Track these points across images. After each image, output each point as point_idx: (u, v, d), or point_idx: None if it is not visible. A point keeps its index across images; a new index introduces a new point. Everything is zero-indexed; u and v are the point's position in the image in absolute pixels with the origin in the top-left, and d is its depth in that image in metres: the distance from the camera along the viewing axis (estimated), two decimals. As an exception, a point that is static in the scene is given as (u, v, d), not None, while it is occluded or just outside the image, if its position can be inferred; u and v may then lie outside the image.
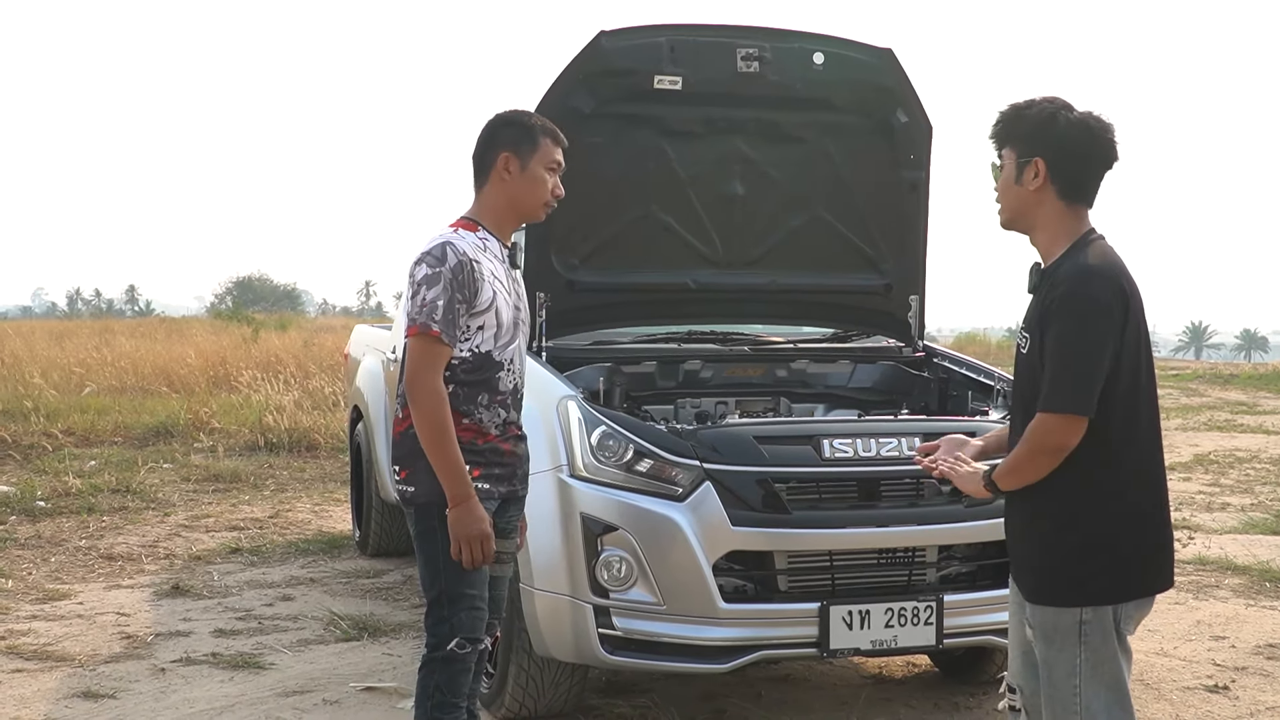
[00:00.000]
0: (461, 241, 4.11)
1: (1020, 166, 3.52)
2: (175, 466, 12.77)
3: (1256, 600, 7.98)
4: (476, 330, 4.12)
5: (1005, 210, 3.61)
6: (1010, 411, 3.93)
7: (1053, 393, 3.36)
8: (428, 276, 4.05)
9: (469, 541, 4.01)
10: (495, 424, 4.20)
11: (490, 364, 4.16)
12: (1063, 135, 3.47)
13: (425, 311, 4.02)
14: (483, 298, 4.10)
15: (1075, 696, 3.45)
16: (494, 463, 4.20)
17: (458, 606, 4.12)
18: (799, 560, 5.20)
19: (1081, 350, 3.34)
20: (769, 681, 6.19)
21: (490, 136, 4.26)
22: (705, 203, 6.33)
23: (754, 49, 6.06)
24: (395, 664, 6.41)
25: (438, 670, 4.15)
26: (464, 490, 4.01)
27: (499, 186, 4.24)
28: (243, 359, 20.26)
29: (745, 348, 6.61)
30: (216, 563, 8.77)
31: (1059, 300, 3.37)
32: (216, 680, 6.17)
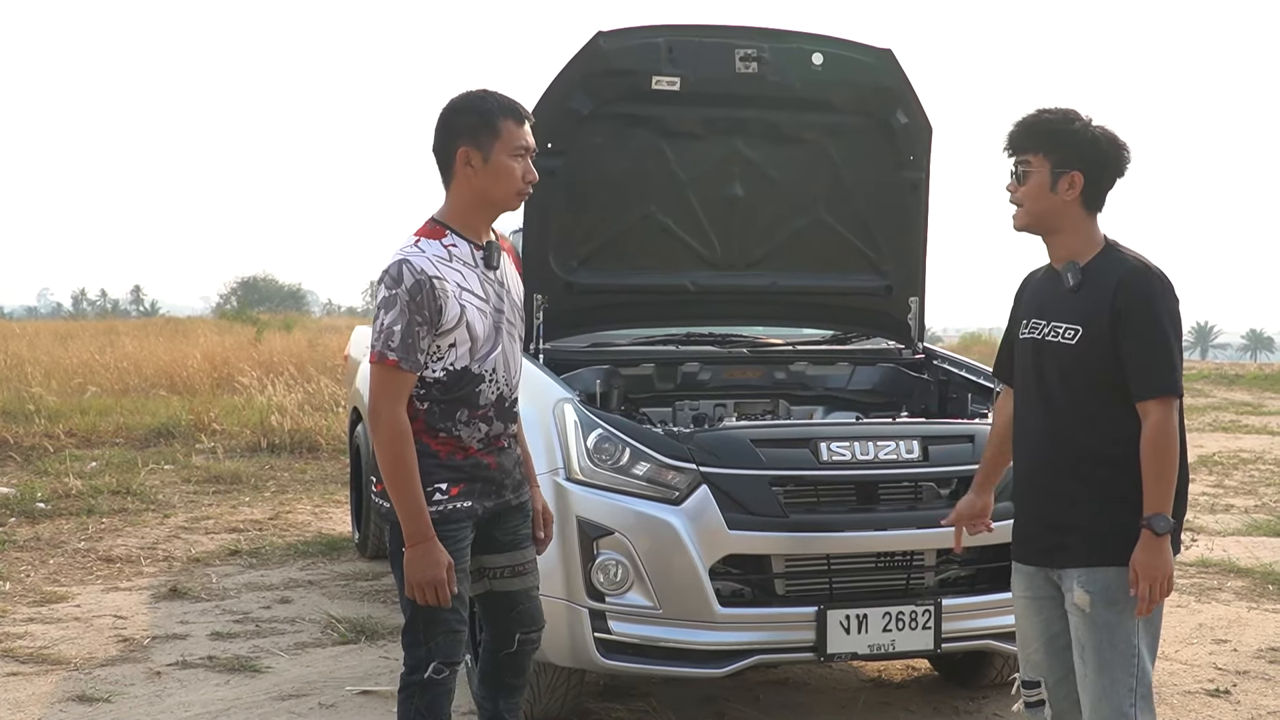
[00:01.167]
0: (419, 257, 3.86)
1: (1055, 176, 3.78)
2: (176, 468, 12.74)
3: (1259, 603, 7.94)
4: (448, 348, 3.91)
5: (1029, 214, 3.86)
6: (1020, 397, 4.04)
7: (1158, 381, 3.69)
8: (385, 299, 3.83)
9: (422, 586, 3.81)
10: (476, 439, 4.02)
11: (468, 378, 3.96)
12: (1102, 154, 3.80)
13: (382, 338, 3.81)
14: (448, 315, 3.86)
15: (1133, 653, 3.74)
16: (476, 477, 4.03)
17: (435, 629, 3.95)
18: (796, 564, 5.17)
19: (1171, 339, 3.70)
20: (767, 685, 6.16)
21: (445, 128, 3.97)
22: (704, 204, 6.29)
23: (752, 50, 6.03)
24: (392, 667, 6.38)
25: (417, 695, 3.99)
26: (422, 530, 3.81)
27: (463, 183, 3.95)
28: (246, 360, 20.22)
29: (744, 350, 6.57)
30: (215, 565, 8.74)
31: (1139, 294, 3.70)
32: (212, 684, 6.14)
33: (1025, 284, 4.12)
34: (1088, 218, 3.84)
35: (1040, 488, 3.91)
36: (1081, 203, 3.81)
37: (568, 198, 5.97)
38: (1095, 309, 3.74)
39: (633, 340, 6.53)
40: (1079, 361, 3.78)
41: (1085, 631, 3.78)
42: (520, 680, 4.35)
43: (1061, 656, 3.93)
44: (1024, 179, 3.83)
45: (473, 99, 3.97)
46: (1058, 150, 3.78)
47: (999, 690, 6.12)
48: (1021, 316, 4.02)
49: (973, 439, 5.42)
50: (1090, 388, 3.78)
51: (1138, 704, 3.75)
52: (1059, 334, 3.82)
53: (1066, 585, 3.84)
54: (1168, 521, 3.70)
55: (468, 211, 4.01)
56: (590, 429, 5.15)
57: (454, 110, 3.98)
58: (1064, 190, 3.78)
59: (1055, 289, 3.89)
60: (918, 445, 5.29)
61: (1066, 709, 3.96)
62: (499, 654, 4.24)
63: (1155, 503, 3.70)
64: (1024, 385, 3.99)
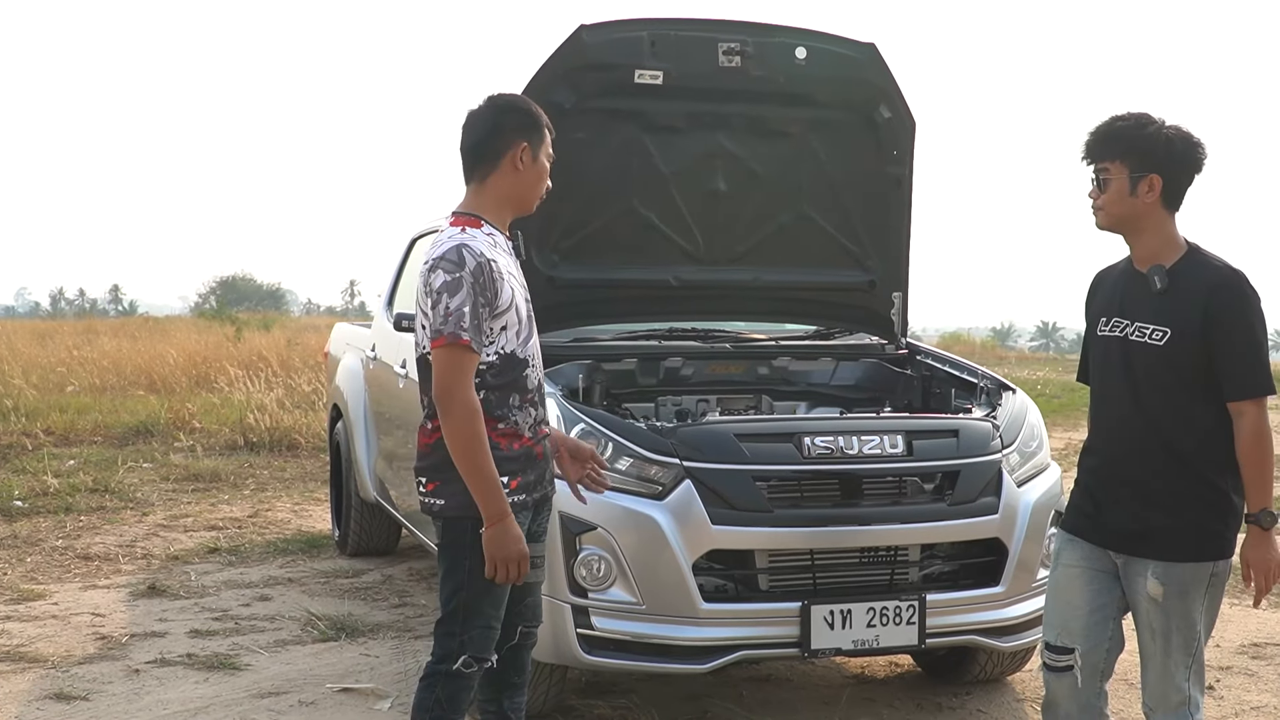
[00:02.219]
0: (475, 241, 3.91)
1: (1134, 181, 3.90)
2: (155, 466, 12.67)
3: (1240, 599, 7.93)
4: (500, 331, 3.95)
5: (1111, 217, 3.98)
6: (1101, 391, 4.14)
7: (1252, 380, 3.86)
8: (447, 284, 3.84)
9: (506, 562, 3.86)
10: (528, 424, 4.05)
11: (516, 363, 4.00)
12: (1178, 156, 3.91)
13: (452, 320, 3.82)
14: (503, 298, 3.93)
15: (1196, 639, 3.97)
16: (528, 469, 4.05)
17: (473, 624, 3.98)
18: (780, 559, 5.15)
19: (1262, 341, 3.88)
20: (751, 681, 6.13)
21: (498, 123, 4.04)
22: (687, 199, 6.27)
23: (736, 43, 6.01)
24: (373, 665, 6.34)
25: (440, 685, 3.99)
26: (501, 508, 3.85)
27: (510, 177, 4.04)
28: (225, 358, 20.14)
29: (727, 345, 6.54)
30: (194, 563, 8.68)
31: (1233, 301, 3.85)
32: (191, 681, 6.09)
33: (1099, 282, 4.24)
34: (1168, 218, 3.96)
35: (1122, 478, 4.04)
36: (1162, 204, 3.93)
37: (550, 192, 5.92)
38: (1185, 313, 3.88)
39: (615, 335, 6.50)
40: (1166, 362, 3.91)
41: (1156, 617, 3.98)
42: (523, 678, 4.33)
43: (1100, 628, 4.11)
44: (1104, 186, 3.96)
45: (521, 101, 4.15)
46: (1134, 155, 3.90)
47: (982, 686, 6.11)
48: (1099, 314, 4.15)
49: (957, 434, 5.41)
50: (1177, 387, 3.91)
51: (1192, 679, 3.99)
52: (1145, 334, 3.95)
53: (1137, 571, 3.99)
54: (1274, 516, 3.89)
55: (502, 206, 4.10)
56: (572, 423, 5.12)
57: (509, 107, 4.10)
58: (1144, 193, 3.90)
59: (1139, 290, 4.01)
60: (902, 440, 5.27)
61: (1089, 677, 4.13)
62: (501, 649, 4.20)
63: (1259, 499, 3.89)
64: (1105, 380, 4.12)
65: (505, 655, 4.22)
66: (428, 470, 4.04)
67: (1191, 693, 3.99)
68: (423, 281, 3.95)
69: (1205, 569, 3.94)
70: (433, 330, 3.88)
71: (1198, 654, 3.99)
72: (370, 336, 8.47)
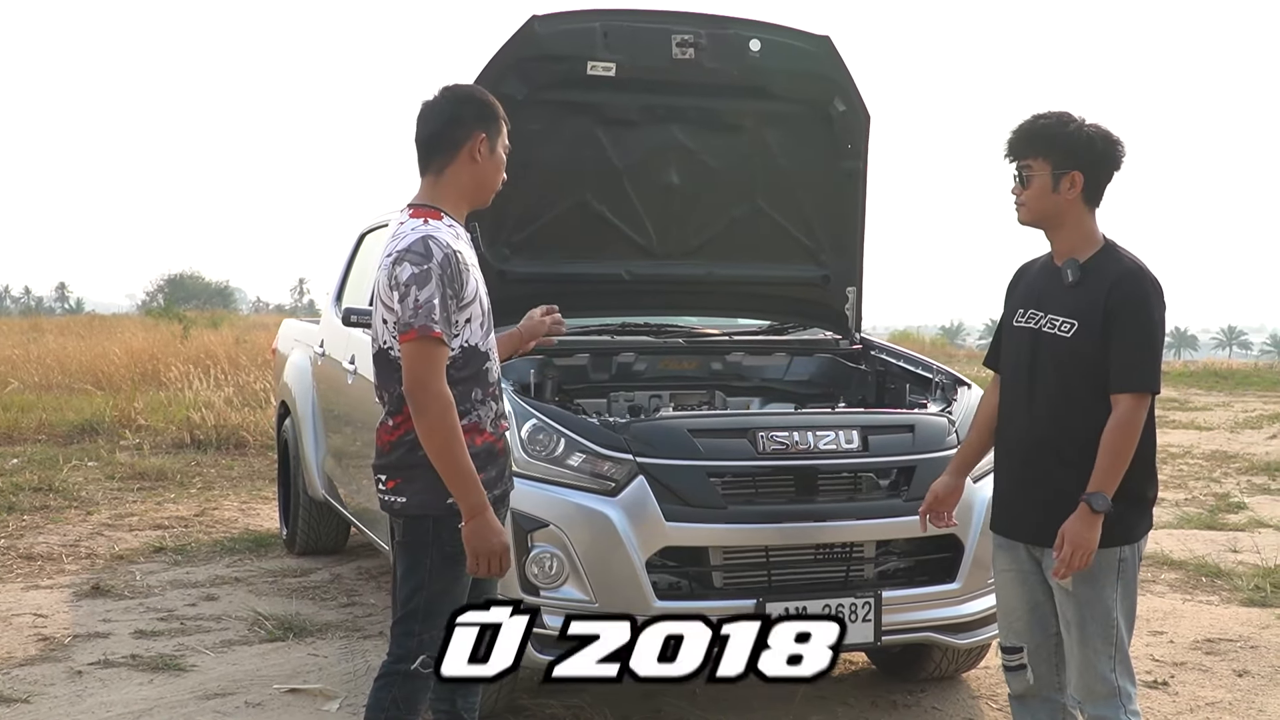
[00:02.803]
0: (440, 233, 3.83)
1: (1056, 178, 4.00)
2: (100, 464, 12.49)
3: (1193, 595, 7.95)
4: (465, 324, 3.87)
5: (1033, 213, 4.07)
6: (1010, 383, 4.20)
7: (1137, 375, 3.91)
8: (416, 276, 3.74)
9: (489, 555, 3.78)
10: (490, 419, 3.97)
11: (478, 356, 3.93)
12: (1099, 154, 4.01)
13: (422, 313, 3.72)
14: (468, 289, 3.85)
15: (1113, 627, 4.00)
16: (490, 464, 3.96)
17: (432, 624, 3.89)
18: (735, 556, 5.10)
19: (1156, 338, 3.95)
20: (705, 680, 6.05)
21: (456, 114, 3.95)
22: (640, 192, 6.21)
23: (689, 35, 5.95)
24: (321, 665, 6.24)
25: (397, 685, 3.91)
26: (480, 500, 3.77)
27: (468, 168, 3.95)
28: (173, 356, 19.92)
29: (680, 340, 6.48)
30: (139, 562, 8.55)
31: (1132, 295, 3.92)
32: (135, 683, 5.98)
33: (1020, 275, 4.32)
34: (1088, 214, 4.06)
35: (1028, 469, 4.12)
36: (1083, 200, 4.03)
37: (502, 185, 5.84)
38: (1091, 305, 3.97)
39: (567, 330, 6.41)
40: (1073, 353, 3.99)
41: (1068, 606, 4.05)
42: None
43: (1042, 625, 4.20)
44: (1027, 183, 4.05)
45: (476, 91, 4.08)
46: (1057, 152, 4.00)
47: (937, 684, 6.07)
48: (1017, 306, 4.22)
49: (913, 429, 5.37)
50: (1081, 378, 3.98)
51: (1117, 669, 4.02)
52: (1055, 326, 4.04)
53: (1048, 563, 4.04)
54: (1105, 502, 3.89)
55: (460, 198, 4.02)
56: (524, 419, 5.04)
57: (467, 98, 4.02)
58: (1066, 190, 4.00)
59: (1055, 283, 4.10)
60: (857, 435, 5.23)
61: (1045, 672, 4.23)
62: None
63: (1100, 482, 3.91)
64: (1016, 371, 4.18)
65: None
66: (389, 468, 3.95)
67: (1120, 683, 4.03)
68: (386, 275, 3.84)
69: (1112, 555, 3.99)
70: (401, 324, 3.78)
71: (1119, 644, 4.03)
72: (319, 333, 8.36)
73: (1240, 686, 6.14)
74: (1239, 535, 9.89)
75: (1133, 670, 4.10)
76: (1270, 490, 12.29)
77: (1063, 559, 3.89)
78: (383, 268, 3.88)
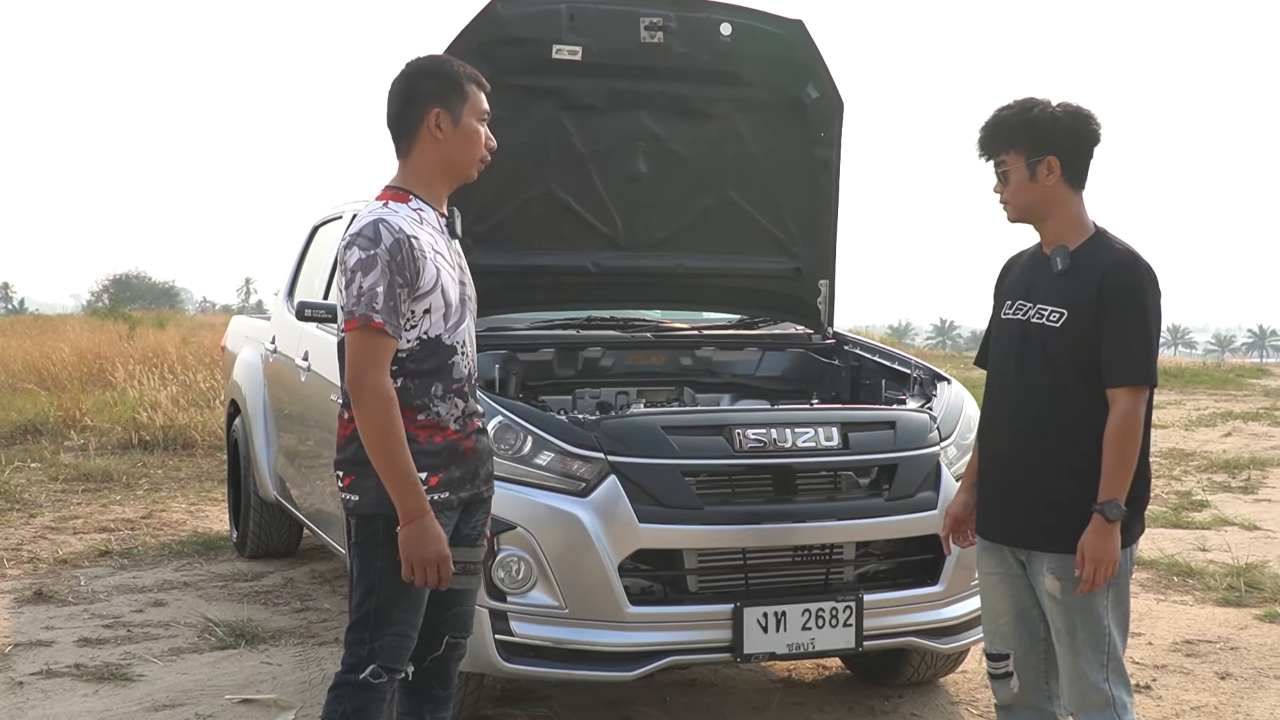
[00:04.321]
0: (395, 216, 3.61)
1: (1032, 167, 3.81)
2: (43, 466, 12.17)
3: (1166, 595, 7.82)
4: (423, 314, 3.63)
5: (1018, 208, 3.89)
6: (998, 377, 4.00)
7: (1132, 368, 3.72)
8: (362, 261, 3.53)
9: (423, 564, 3.54)
10: (454, 416, 3.72)
11: (441, 349, 3.68)
12: (1069, 132, 3.82)
13: (364, 301, 3.51)
14: (426, 277, 3.61)
15: (1105, 635, 3.81)
16: (452, 464, 3.72)
17: (384, 630, 3.66)
18: (711, 559, 4.90)
19: (1151, 328, 3.75)
20: (676, 687, 5.86)
21: (411, 91, 3.74)
22: (607, 181, 5.98)
23: (658, 18, 5.74)
24: (274, 673, 5.99)
25: (348, 697, 3.66)
26: (418, 505, 3.54)
27: (430, 147, 3.72)
28: (119, 355, 19.56)
29: (648, 334, 6.27)
30: (84, 566, 8.25)
31: (1124, 283, 3.72)
32: (79, 694, 5.71)
33: (1009, 266, 4.13)
34: (1074, 197, 3.87)
35: (1016, 468, 3.90)
36: (1065, 184, 3.84)
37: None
38: (1081, 294, 3.77)
39: (531, 324, 6.21)
40: (1062, 344, 3.81)
41: (1058, 614, 3.85)
42: (448, 691, 4.00)
43: (1030, 630, 3.99)
44: (1005, 179, 3.87)
45: (437, 62, 3.82)
46: (1026, 141, 3.82)
47: (915, 689, 5.89)
48: (1005, 298, 4.03)
49: (894, 425, 5.18)
50: (1072, 370, 3.80)
51: (1110, 678, 3.83)
52: (1044, 316, 3.85)
53: (1036, 567, 3.88)
54: (1120, 509, 3.70)
55: (432, 178, 3.78)
56: (489, 416, 4.81)
57: (420, 72, 3.78)
58: (1044, 177, 3.82)
59: (1043, 272, 3.91)
60: (837, 432, 5.04)
61: (1032, 680, 4.02)
62: (425, 659, 3.88)
63: (1111, 489, 3.71)
64: (1003, 365, 3.98)
65: (430, 666, 3.91)
66: (344, 464, 3.71)
67: (1114, 693, 3.84)
68: (339, 259, 3.64)
69: None
70: (345, 311, 3.56)
71: (1112, 652, 3.84)
72: (270, 329, 8.09)
73: (1224, 689, 5.99)
74: (1206, 534, 9.78)
75: (1128, 678, 3.90)
76: (1231, 488, 12.22)
77: (1086, 577, 3.70)
78: (338, 252, 3.68)
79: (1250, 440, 15.85)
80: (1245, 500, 11.54)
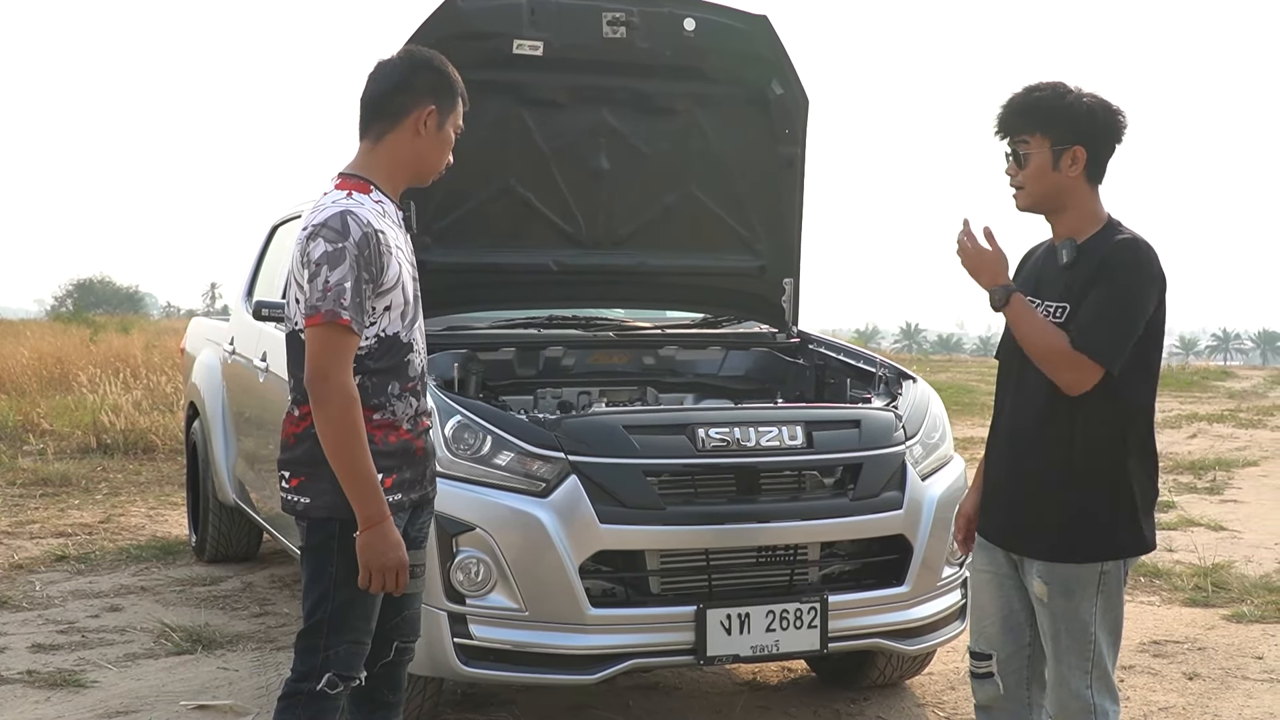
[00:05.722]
0: (362, 209, 3.49)
1: (1057, 154, 3.67)
2: (1, 470, 11.99)
3: (1133, 596, 7.76)
4: (383, 311, 3.54)
5: (1033, 195, 3.74)
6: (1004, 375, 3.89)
7: (1092, 337, 3.55)
8: (329, 254, 3.41)
9: (383, 570, 3.44)
10: (408, 416, 3.63)
11: (399, 347, 3.59)
12: (1101, 124, 3.69)
13: (331, 296, 3.39)
14: (389, 274, 3.52)
15: (1090, 643, 3.70)
16: (405, 464, 3.63)
17: (339, 638, 3.55)
18: (673, 560, 4.83)
19: (1127, 309, 3.56)
20: (638, 690, 5.78)
21: (408, 80, 3.64)
22: (569, 178, 5.90)
23: (621, 13, 5.66)
24: (231, 679, 5.88)
25: (301, 706, 3.55)
26: (379, 510, 3.43)
27: (409, 140, 3.63)
28: (81, 359, 19.36)
29: (610, 333, 6.18)
30: (40, 571, 8.11)
31: (1117, 264, 3.59)
32: (31, 701, 5.59)
33: (1024, 259, 4.00)
34: (1091, 192, 3.74)
35: (1011, 469, 3.83)
36: (1085, 177, 3.71)
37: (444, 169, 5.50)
38: (1082, 285, 3.65)
39: (492, 323, 6.13)
40: None
41: (1044, 618, 3.77)
42: (398, 697, 3.90)
43: (1014, 634, 3.90)
44: (1024, 161, 3.71)
45: (437, 61, 3.73)
46: (1056, 126, 3.67)
47: (881, 691, 5.83)
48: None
49: (859, 424, 5.11)
50: None
51: (1093, 686, 3.74)
52: (1050, 312, 3.71)
53: (1025, 570, 3.80)
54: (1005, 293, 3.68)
55: (396, 172, 3.68)
56: (448, 415, 4.73)
57: (424, 65, 3.70)
58: (1067, 167, 3.68)
59: (1051, 265, 3.80)
60: (801, 431, 4.97)
61: (1014, 684, 3.93)
62: (375, 665, 3.78)
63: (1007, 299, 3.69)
64: (1008, 361, 3.87)
65: (379, 672, 3.79)
66: (292, 464, 3.59)
67: (1096, 701, 3.74)
68: (300, 250, 3.50)
69: (1093, 569, 3.69)
70: (308, 306, 3.44)
71: (1097, 660, 3.73)
72: (229, 330, 7.98)
73: (1192, 690, 5.95)
74: (1172, 534, 9.74)
75: (1115, 688, 3.79)
76: (1197, 489, 12.22)
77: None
78: (297, 242, 3.55)
79: (1215, 441, 15.90)
80: (1211, 501, 11.54)
